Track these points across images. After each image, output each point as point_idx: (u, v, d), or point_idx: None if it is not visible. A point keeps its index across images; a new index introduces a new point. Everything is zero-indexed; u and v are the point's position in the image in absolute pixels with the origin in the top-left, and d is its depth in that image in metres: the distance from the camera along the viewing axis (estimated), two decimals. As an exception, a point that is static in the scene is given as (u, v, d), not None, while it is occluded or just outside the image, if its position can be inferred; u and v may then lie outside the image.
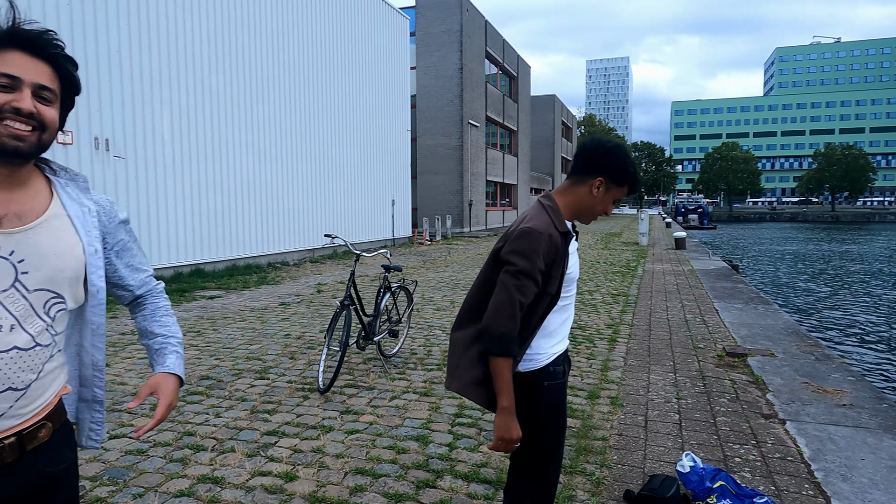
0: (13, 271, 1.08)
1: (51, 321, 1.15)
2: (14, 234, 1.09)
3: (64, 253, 1.15)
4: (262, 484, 2.94)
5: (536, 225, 1.82)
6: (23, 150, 1.07)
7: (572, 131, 60.18)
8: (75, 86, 1.16)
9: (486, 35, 29.82)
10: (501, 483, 2.99)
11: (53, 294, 1.14)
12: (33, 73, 1.08)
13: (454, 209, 26.54)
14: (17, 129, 1.05)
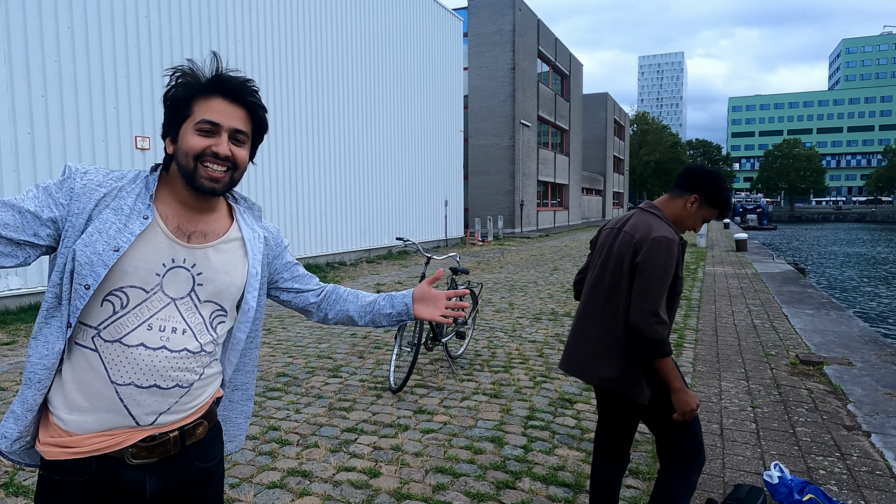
0: (191, 281, 1.22)
1: (214, 330, 1.27)
2: (197, 249, 1.23)
3: (233, 272, 1.28)
4: (349, 479, 3.07)
5: (668, 233, 2.07)
6: (218, 190, 1.21)
7: (624, 130, 58.97)
8: (264, 127, 1.28)
9: (538, 34, 29.60)
10: (580, 486, 3.02)
11: (218, 307, 1.27)
12: (230, 118, 1.20)
13: (505, 210, 26.48)
14: (214, 172, 1.18)
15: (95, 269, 1.11)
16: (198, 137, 1.17)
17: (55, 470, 1.18)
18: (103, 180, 1.18)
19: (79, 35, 7.81)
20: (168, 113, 1.22)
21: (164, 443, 1.21)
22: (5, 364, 5.11)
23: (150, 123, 8.88)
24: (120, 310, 1.15)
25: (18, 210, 1.10)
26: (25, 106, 7.22)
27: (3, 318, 6.80)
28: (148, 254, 1.16)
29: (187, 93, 1.19)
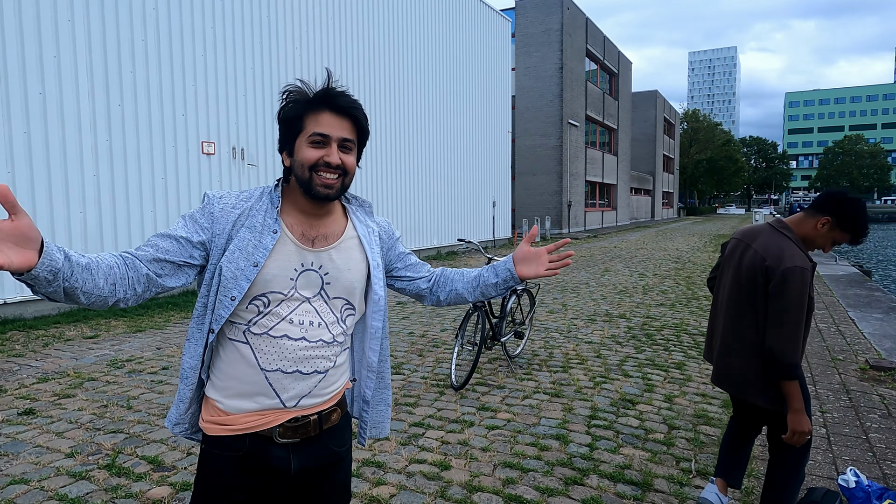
0: (320, 281, 1.37)
1: (344, 322, 1.41)
2: (321, 252, 1.37)
3: (354, 268, 1.41)
4: (420, 470, 3.20)
5: (800, 262, 2.18)
6: (332, 195, 1.34)
7: (674, 128, 57.57)
8: (367, 133, 1.39)
9: (586, 32, 29.29)
10: (647, 485, 3.06)
11: (346, 301, 1.41)
12: (339, 129, 1.32)
13: (553, 210, 26.32)
14: (327, 179, 1.31)
15: (239, 283, 1.28)
16: (311, 150, 1.30)
17: (215, 445, 1.35)
18: (236, 202, 1.35)
19: (151, 45, 8.26)
20: (283, 129, 1.36)
21: (306, 425, 1.36)
22: (91, 356, 5.48)
23: (214, 129, 9.28)
24: (264, 309, 1.32)
25: (175, 238, 1.28)
26: (104, 113, 7.69)
27: (87, 313, 7.26)
28: (281, 262, 1.32)
29: (299, 110, 1.32)
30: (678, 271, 12.60)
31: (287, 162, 1.37)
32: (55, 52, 7.12)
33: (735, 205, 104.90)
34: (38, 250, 1.03)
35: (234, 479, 1.33)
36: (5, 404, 4.17)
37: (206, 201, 1.34)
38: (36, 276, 1.03)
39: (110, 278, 1.18)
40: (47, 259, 1.04)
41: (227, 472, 1.33)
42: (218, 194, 1.35)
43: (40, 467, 3.19)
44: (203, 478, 1.37)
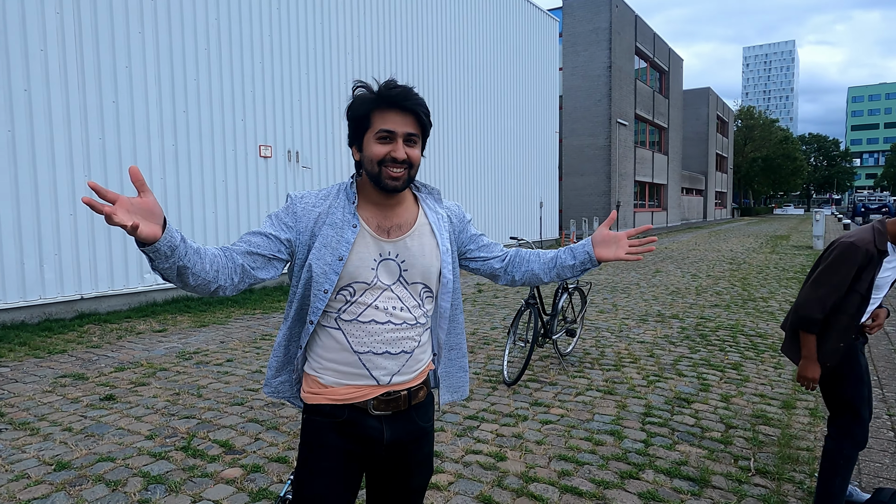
0: (398, 269, 1.48)
1: (423, 305, 1.52)
2: (397, 241, 1.48)
3: (428, 254, 1.51)
4: (477, 461, 3.28)
5: (857, 239, 2.38)
6: (399, 187, 1.43)
7: (728, 126, 55.77)
8: (429, 126, 1.48)
9: (635, 30, 28.78)
10: (704, 481, 3.05)
11: (424, 286, 1.51)
12: (403, 125, 1.40)
13: (601, 211, 25.96)
14: (394, 172, 1.40)
15: (329, 277, 1.41)
16: (378, 145, 1.40)
17: (317, 412, 1.48)
18: (316, 201, 1.47)
19: (213, 54, 8.65)
20: (352, 126, 1.45)
21: (397, 399, 1.48)
22: (161, 348, 5.81)
23: (271, 133, 9.64)
24: (350, 298, 1.44)
25: (264, 235, 1.42)
26: (171, 120, 8.11)
27: (154, 308, 7.68)
28: (362, 254, 1.43)
29: (366, 108, 1.41)
30: (733, 272, 12.26)
31: (357, 156, 1.48)
32: (127, 63, 7.56)
33: (794, 205, 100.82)
34: (161, 226, 1.17)
35: (334, 442, 1.45)
36: (88, 390, 4.48)
37: (290, 202, 1.46)
38: (157, 249, 1.16)
39: (214, 265, 1.32)
40: (168, 235, 1.18)
41: (328, 435, 1.46)
42: (299, 194, 1.47)
43: (124, 447, 3.44)
44: (306, 440, 1.49)
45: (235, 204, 9.04)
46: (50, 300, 6.87)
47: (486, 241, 1.70)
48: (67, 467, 3.17)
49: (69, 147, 7.00)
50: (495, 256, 1.69)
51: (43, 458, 3.29)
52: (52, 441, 3.52)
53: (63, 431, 3.68)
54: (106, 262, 7.40)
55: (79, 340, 6.07)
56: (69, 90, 6.99)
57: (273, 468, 3.18)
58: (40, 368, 5.07)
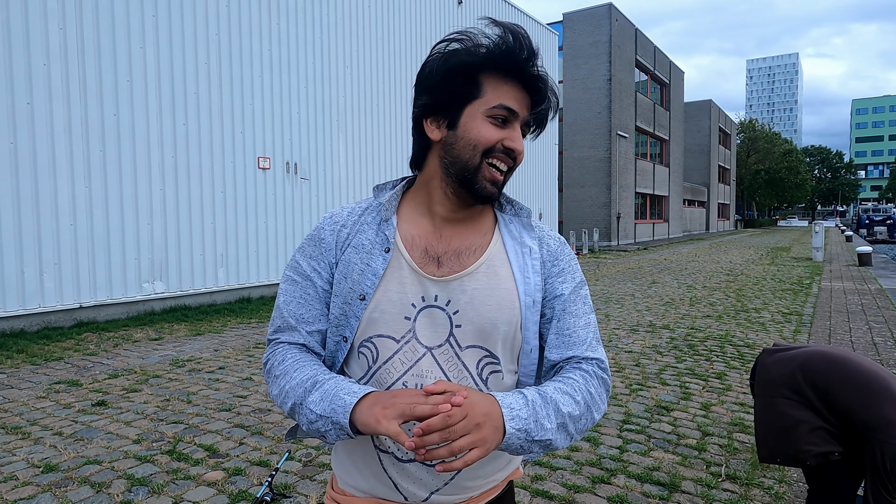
0: (449, 323, 0.96)
1: (485, 384, 0.97)
2: (450, 280, 0.97)
3: (500, 303, 0.97)
4: (453, 465, 3.36)
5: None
6: (494, 195, 0.98)
7: (730, 137, 55.93)
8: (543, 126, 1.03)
9: (636, 43, 29.04)
10: (674, 486, 3.12)
11: (486, 353, 0.97)
12: (525, 108, 0.97)
13: (601, 222, 26.06)
14: (499, 174, 0.96)
15: (349, 322, 0.97)
16: (492, 127, 0.94)
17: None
18: (346, 218, 1.02)
19: (213, 68, 8.84)
20: (444, 84, 0.95)
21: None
22: (156, 356, 5.92)
23: (270, 145, 9.80)
24: (372, 364, 0.97)
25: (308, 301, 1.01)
26: (171, 133, 8.28)
27: (152, 318, 7.80)
28: (393, 294, 0.96)
29: (474, 66, 0.94)
30: (729, 283, 12.31)
31: (437, 135, 0.98)
32: (128, 77, 7.75)
33: (798, 217, 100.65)
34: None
35: None
36: (81, 396, 4.59)
37: (317, 227, 1.05)
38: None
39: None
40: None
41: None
42: (329, 213, 1.06)
43: (111, 451, 3.54)
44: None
45: (234, 215, 9.18)
46: (49, 308, 7.00)
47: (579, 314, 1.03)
48: (55, 470, 3.27)
49: (70, 159, 7.16)
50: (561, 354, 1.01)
51: (32, 460, 3.39)
52: (41, 445, 3.62)
53: (53, 435, 3.77)
54: (105, 271, 7.53)
55: (76, 348, 6.18)
56: (71, 103, 7.17)
57: (254, 471, 3.26)
58: (36, 375, 5.18)
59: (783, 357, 2.36)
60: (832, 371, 2.20)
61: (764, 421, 2.32)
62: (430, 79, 0.97)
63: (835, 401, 2.14)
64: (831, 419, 2.17)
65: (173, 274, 8.35)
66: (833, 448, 2.15)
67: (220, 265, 9.02)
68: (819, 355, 2.27)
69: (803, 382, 2.23)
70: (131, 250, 7.81)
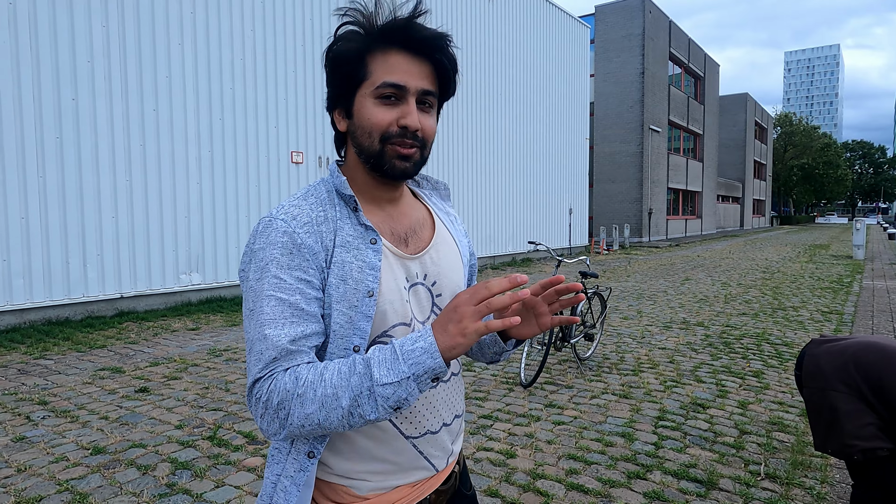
0: (430, 297, 1.01)
1: None
2: (421, 256, 1.01)
3: (456, 267, 1.07)
4: (487, 457, 3.38)
5: None
6: (409, 171, 0.96)
7: (767, 132, 54.49)
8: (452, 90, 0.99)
9: (669, 36, 28.49)
10: (712, 483, 3.08)
11: None
12: (418, 77, 0.92)
13: (632, 218, 25.70)
14: (406, 150, 0.93)
15: (358, 326, 0.92)
16: (381, 109, 0.92)
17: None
18: (313, 216, 0.93)
19: (249, 64, 8.99)
20: (335, 76, 0.94)
21: (453, 481, 1.12)
22: (194, 345, 6.07)
23: (303, 140, 9.92)
24: None
25: (307, 314, 0.90)
26: (207, 128, 8.46)
27: (188, 308, 8.00)
28: (391, 283, 0.96)
29: (359, 47, 0.91)
30: (765, 281, 12.03)
31: (342, 125, 0.98)
32: (167, 73, 7.93)
33: (837, 214, 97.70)
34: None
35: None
36: (125, 382, 4.74)
37: (281, 233, 0.90)
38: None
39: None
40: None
41: None
42: (280, 216, 0.92)
43: (155, 435, 3.65)
44: None
45: (268, 208, 9.34)
46: (92, 298, 7.24)
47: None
48: (103, 452, 3.39)
49: (112, 153, 7.38)
50: None
51: (81, 443, 3.52)
52: (89, 428, 3.76)
53: (100, 420, 3.91)
54: (144, 263, 7.75)
55: (118, 336, 6.38)
56: (113, 99, 7.38)
57: (292, 458, 3.33)
58: (81, 362, 5.37)
59: (833, 348, 2.30)
60: (886, 362, 2.15)
61: (813, 412, 2.28)
62: (327, 70, 0.96)
63: (890, 393, 2.09)
64: (884, 413, 2.12)
65: (209, 266, 8.54)
66: (882, 444, 2.10)
67: (254, 258, 9.18)
68: (872, 346, 2.21)
69: (855, 374, 2.18)
70: (169, 243, 8.02)
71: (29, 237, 6.68)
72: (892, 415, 2.11)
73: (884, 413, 2.12)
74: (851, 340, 2.30)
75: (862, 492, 2.24)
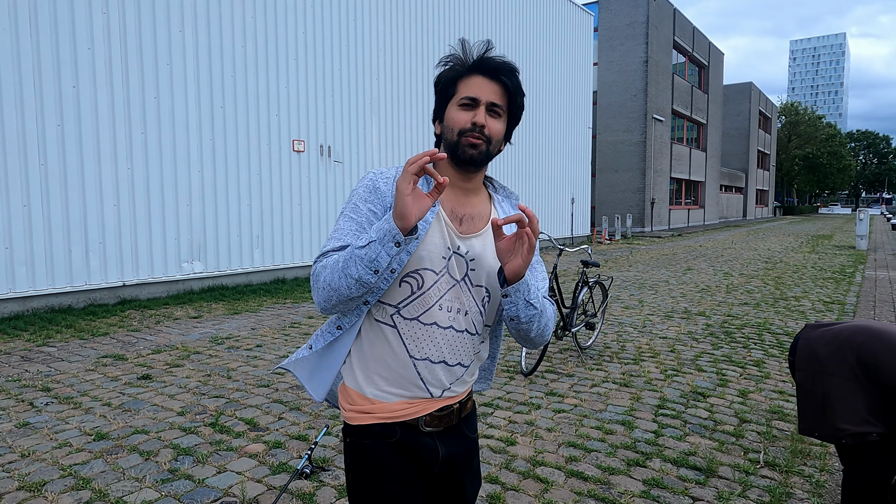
0: (465, 267, 1.30)
1: (485, 315, 1.35)
2: (468, 238, 1.31)
3: (494, 256, 1.33)
4: (488, 444, 3.40)
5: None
6: (476, 157, 1.26)
7: (771, 122, 54.15)
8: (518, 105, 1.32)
9: (674, 24, 28.24)
10: (711, 471, 3.10)
11: (486, 291, 1.34)
12: (488, 93, 1.27)
13: (635, 208, 25.63)
14: (474, 140, 1.25)
15: (400, 256, 1.21)
16: (460, 112, 1.27)
17: (366, 435, 1.31)
18: (395, 176, 1.31)
19: (250, 51, 8.94)
20: (438, 97, 1.33)
21: (450, 414, 1.35)
22: (196, 333, 6.09)
23: (304, 128, 9.90)
24: (417, 290, 1.27)
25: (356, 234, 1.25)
26: (209, 116, 8.43)
27: (191, 296, 8.02)
28: (436, 239, 1.27)
29: (454, 75, 1.29)
30: (767, 271, 12.01)
31: (438, 129, 1.35)
32: (168, 61, 7.90)
33: (841, 204, 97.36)
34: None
35: (394, 466, 1.30)
36: (127, 370, 4.77)
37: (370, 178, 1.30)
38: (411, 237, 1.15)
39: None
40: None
41: (386, 459, 1.30)
42: (377, 170, 1.33)
43: (157, 422, 3.67)
44: (361, 469, 1.32)
45: (269, 197, 9.33)
46: (94, 286, 7.26)
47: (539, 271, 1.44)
48: (105, 438, 3.41)
49: (114, 141, 7.37)
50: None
51: (84, 429, 3.55)
52: (92, 414, 3.78)
53: (103, 406, 3.94)
54: (147, 251, 7.76)
55: (120, 324, 6.41)
56: (114, 87, 7.35)
57: (293, 445, 3.35)
58: (84, 349, 5.40)
59: (827, 332, 2.32)
60: (881, 343, 2.15)
61: (804, 396, 2.30)
62: (435, 94, 1.34)
63: (885, 373, 2.10)
64: (877, 394, 2.13)
65: (211, 254, 8.56)
66: (872, 429, 2.12)
67: (255, 246, 9.20)
68: (866, 329, 2.22)
69: (850, 357, 2.19)
70: (171, 231, 8.02)
71: (31, 225, 6.69)
72: (885, 396, 2.11)
73: (877, 395, 2.13)
74: (845, 325, 2.31)
75: (852, 477, 2.25)
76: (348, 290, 1.17)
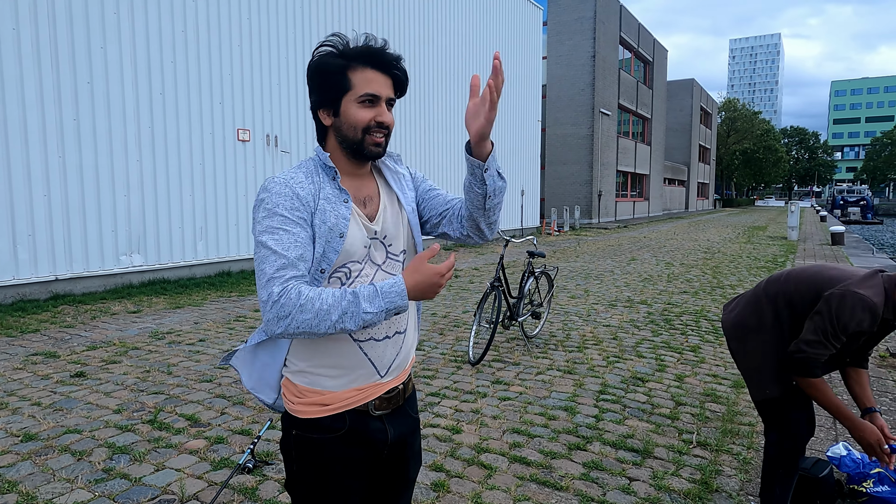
0: (384, 249, 1.37)
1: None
2: (376, 218, 1.37)
3: (398, 223, 1.41)
4: (434, 434, 3.43)
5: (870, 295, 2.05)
6: (380, 153, 1.33)
7: (711, 117, 56.26)
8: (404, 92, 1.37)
9: (620, 20, 28.88)
10: (647, 452, 3.22)
11: (405, 252, 1.42)
12: (387, 88, 1.30)
13: (583, 200, 26.19)
14: (378, 139, 1.30)
15: (328, 257, 1.26)
16: (363, 110, 1.27)
17: (314, 429, 1.31)
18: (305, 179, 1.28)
19: (191, 36, 8.62)
20: (323, 85, 1.28)
21: (397, 395, 1.40)
22: (134, 328, 5.88)
23: (249, 117, 9.64)
24: (346, 280, 1.31)
25: (303, 245, 1.23)
26: (147, 103, 8.09)
27: (130, 291, 7.71)
28: (355, 232, 1.31)
29: (342, 65, 1.26)
30: (706, 261, 12.53)
31: (328, 121, 1.32)
32: (102, 44, 7.53)
33: (775, 197, 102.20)
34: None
35: (341, 458, 1.33)
36: (59, 367, 4.56)
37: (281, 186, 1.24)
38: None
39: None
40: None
41: (333, 452, 1.32)
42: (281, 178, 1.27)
43: (91, 420, 3.53)
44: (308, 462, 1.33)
45: (213, 188, 9.06)
46: (24, 280, 6.88)
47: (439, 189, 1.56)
48: (34, 439, 3.26)
49: (43, 127, 6.98)
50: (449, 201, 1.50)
51: (10, 430, 3.38)
52: (20, 415, 3.60)
53: (32, 406, 3.76)
54: (81, 243, 7.41)
55: (52, 320, 6.11)
56: (42, 70, 6.96)
57: (236, 440, 3.29)
58: (12, 347, 5.12)
59: (740, 300, 2.59)
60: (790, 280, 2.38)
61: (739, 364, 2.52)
62: (314, 80, 1.31)
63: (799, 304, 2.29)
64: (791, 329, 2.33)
65: (151, 247, 8.25)
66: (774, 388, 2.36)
67: (199, 238, 8.92)
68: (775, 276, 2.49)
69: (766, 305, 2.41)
70: (108, 222, 7.68)
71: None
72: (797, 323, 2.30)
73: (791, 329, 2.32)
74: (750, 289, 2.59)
75: (773, 436, 2.46)
76: (325, 333, 1.18)
